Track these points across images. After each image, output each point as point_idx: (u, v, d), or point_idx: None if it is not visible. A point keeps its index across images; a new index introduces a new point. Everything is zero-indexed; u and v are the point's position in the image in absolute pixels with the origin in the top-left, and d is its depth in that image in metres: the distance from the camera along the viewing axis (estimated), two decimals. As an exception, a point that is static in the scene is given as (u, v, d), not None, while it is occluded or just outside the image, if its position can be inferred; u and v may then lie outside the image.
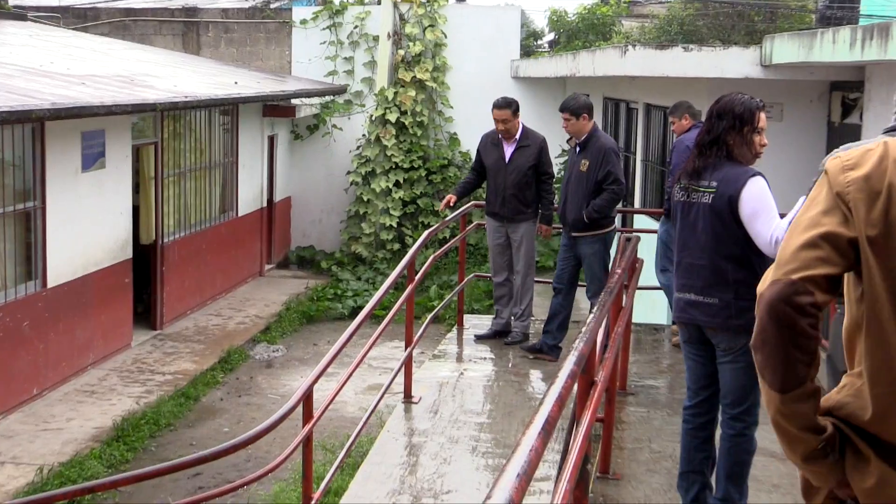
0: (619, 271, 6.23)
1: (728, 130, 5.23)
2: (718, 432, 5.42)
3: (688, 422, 5.51)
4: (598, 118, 14.75)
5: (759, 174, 5.21)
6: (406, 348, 7.97)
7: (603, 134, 8.80)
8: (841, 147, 2.76)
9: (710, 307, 5.23)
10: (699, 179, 5.28)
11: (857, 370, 2.47)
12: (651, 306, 12.54)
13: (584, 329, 4.17)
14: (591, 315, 4.56)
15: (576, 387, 4.17)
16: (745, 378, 5.19)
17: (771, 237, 5.03)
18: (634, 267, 7.66)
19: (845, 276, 2.47)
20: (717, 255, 5.21)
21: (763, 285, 2.46)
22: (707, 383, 5.44)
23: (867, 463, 2.41)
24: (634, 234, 8.83)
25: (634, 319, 9.62)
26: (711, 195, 5.22)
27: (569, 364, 3.54)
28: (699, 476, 5.47)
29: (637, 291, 8.00)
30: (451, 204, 9.55)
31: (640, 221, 14.14)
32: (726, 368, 5.26)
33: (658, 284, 9.44)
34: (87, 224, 13.21)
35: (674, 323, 6.88)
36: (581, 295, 9.38)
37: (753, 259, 5.18)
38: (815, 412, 2.41)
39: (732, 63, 11.18)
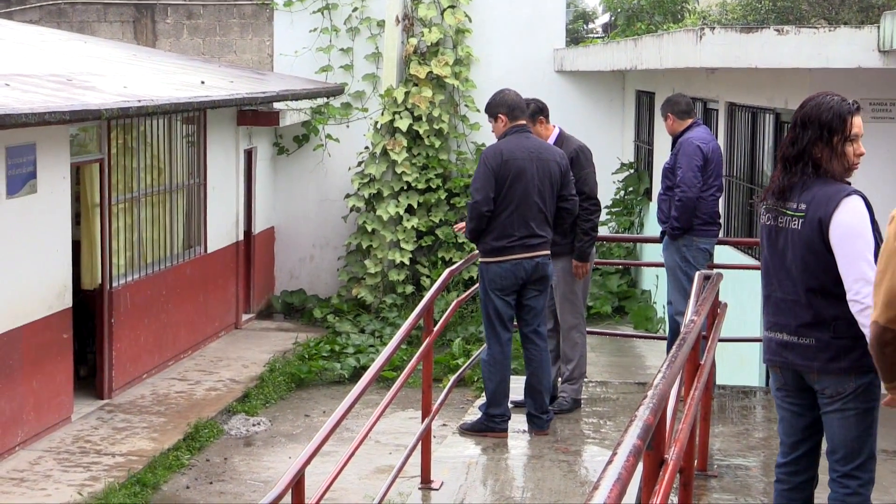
0: (695, 318, 6.22)
1: (815, 142, 5.57)
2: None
3: (783, 481, 5.79)
4: (662, 122, 14.59)
5: (857, 193, 5.49)
6: (423, 419, 7.98)
7: (511, 139, 8.81)
8: None
9: (807, 349, 5.56)
10: (786, 201, 5.61)
11: None
12: (738, 362, 12.50)
13: (650, 392, 4.16)
14: (659, 374, 4.55)
15: (641, 467, 4.16)
16: (857, 427, 5.49)
17: (855, 281, 5.31)
18: (716, 312, 7.63)
19: None
20: (811, 290, 5.53)
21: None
22: (805, 436, 5.75)
23: None
24: (716, 271, 8.80)
25: (717, 380, 9.59)
26: (801, 220, 5.54)
27: (630, 438, 3.53)
28: None
29: (719, 344, 7.98)
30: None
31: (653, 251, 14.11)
32: (834, 418, 5.54)
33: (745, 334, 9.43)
34: (13, 265, 13.28)
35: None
36: (643, 349, 9.36)
37: None
38: None
39: (840, 49, 11.13)
